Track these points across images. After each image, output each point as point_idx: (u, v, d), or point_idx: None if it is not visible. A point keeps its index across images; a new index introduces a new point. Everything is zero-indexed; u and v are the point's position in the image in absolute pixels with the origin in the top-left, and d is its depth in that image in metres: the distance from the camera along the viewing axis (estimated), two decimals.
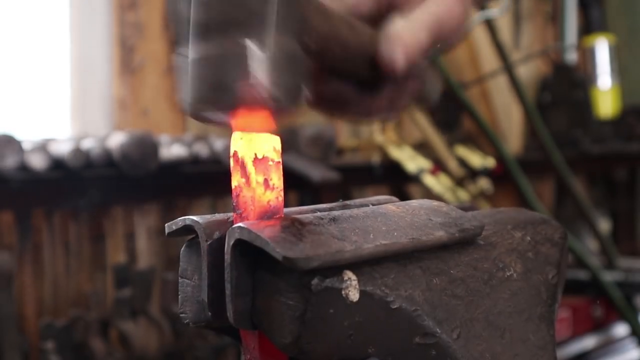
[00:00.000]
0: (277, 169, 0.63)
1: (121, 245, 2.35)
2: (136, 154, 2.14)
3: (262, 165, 0.62)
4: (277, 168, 0.63)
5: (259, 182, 0.62)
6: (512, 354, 0.67)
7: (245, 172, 0.62)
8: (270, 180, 0.62)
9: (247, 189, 0.62)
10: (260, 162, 0.62)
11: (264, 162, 0.62)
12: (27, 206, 2.15)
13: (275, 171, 0.63)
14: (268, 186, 0.62)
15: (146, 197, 2.35)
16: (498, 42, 3.19)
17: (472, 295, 0.66)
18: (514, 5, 3.98)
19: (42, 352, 2.07)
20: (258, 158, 0.62)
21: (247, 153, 0.62)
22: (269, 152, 0.62)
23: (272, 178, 0.62)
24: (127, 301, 2.21)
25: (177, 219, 0.64)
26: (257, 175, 0.62)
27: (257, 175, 0.62)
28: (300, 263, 0.56)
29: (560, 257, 0.75)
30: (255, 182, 0.62)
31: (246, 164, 0.62)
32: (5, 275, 2.03)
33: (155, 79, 2.71)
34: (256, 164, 0.62)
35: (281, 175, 0.63)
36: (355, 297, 0.59)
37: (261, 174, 0.62)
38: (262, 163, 0.62)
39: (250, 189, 0.62)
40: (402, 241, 0.62)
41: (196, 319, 0.64)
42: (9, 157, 1.99)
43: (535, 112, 3.42)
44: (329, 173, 2.55)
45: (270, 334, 0.60)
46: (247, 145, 0.62)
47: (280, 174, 0.63)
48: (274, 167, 0.62)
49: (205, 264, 0.61)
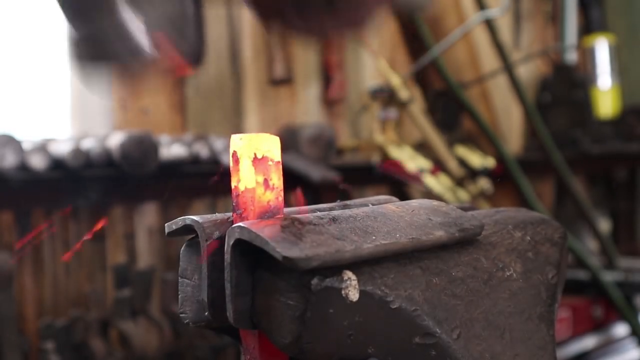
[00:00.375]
0: (276, 168, 0.63)
1: (121, 245, 2.35)
2: (136, 154, 2.14)
3: (262, 165, 0.62)
4: (276, 168, 0.63)
5: (259, 182, 0.62)
6: (512, 353, 0.67)
7: (245, 172, 0.62)
8: (270, 180, 0.62)
9: (247, 189, 0.62)
10: (260, 162, 0.62)
11: (263, 162, 0.62)
12: (27, 206, 2.14)
13: (275, 171, 0.62)
14: (268, 186, 0.62)
15: (146, 197, 2.34)
16: (498, 42, 3.19)
17: (471, 295, 0.66)
18: (514, 5, 3.98)
19: (42, 352, 2.06)
20: (258, 158, 0.62)
21: (247, 153, 0.62)
22: (269, 152, 0.62)
23: (272, 178, 0.62)
24: (127, 301, 2.21)
25: (177, 219, 0.64)
26: (257, 175, 0.62)
27: (256, 175, 0.62)
28: (300, 263, 0.56)
29: (560, 257, 0.75)
30: (255, 182, 0.62)
31: (245, 163, 0.62)
32: (6, 275, 2.03)
33: (155, 79, 2.71)
34: (256, 164, 0.62)
35: (281, 175, 0.63)
36: (355, 297, 0.59)
37: (261, 174, 0.62)
38: (261, 163, 0.62)
39: (250, 189, 0.62)
40: (402, 241, 0.62)
41: (196, 318, 0.64)
42: (9, 157, 1.99)
43: (535, 112, 3.42)
44: (329, 173, 2.55)
45: (270, 334, 0.60)
46: (246, 146, 0.62)
47: (280, 174, 0.63)
48: (274, 167, 0.62)
49: (205, 264, 0.61)
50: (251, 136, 0.62)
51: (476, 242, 0.69)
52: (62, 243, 2.24)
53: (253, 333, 0.64)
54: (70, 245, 2.26)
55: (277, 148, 0.63)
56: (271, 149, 0.63)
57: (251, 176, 0.62)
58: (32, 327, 2.17)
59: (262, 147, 0.62)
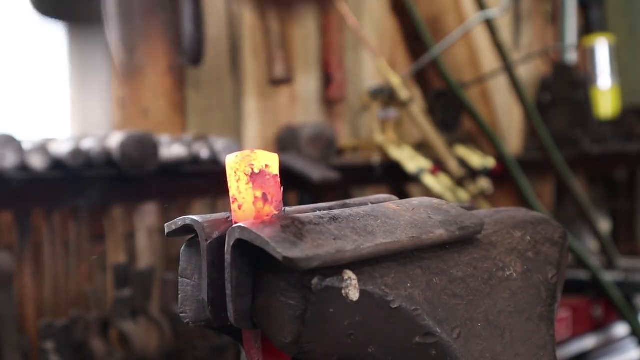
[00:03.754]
0: (274, 182, 0.62)
1: (121, 245, 2.35)
2: (136, 154, 2.14)
3: (260, 179, 0.62)
4: (274, 181, 0.62)
5: (257, 196, 0.62)
6: (512, 353, 0.67)
7: (243, 189, 0.61)
8: (269, 194, 0.62)
9: (246, 204, 0.61)
10: (258, 176, 0.61)
11: (261, 177, 0.62)
12: (27, 206, 2.15)
13: (274, 185, 0.62)
14: (267, 200, 0.62)
15: (146, 197, 2.35)
16: (498, 42, 3.19)
17: (472, 295, 0.66)
18: (514, 5, 3.98)
19: (42, 352, 2.06)
20: (255, 172, 0.61)
21: (243, 169, 0.61)
22: (266, 167, 0.62)
23: (270, 192, 0.62)
24: (127, 301, 2.21)
25: (177, 219, 0.64)
26: (255, 190, 0.61)
27: (254, 190, 0.61)
28: (300, 263, 0.56)
29: (560, 257, 0.75)
30: (253, 197, 0.61)
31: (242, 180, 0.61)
32: (6, 275, 2.03)
33: (155, 79, 2.71)
34: (253, 179, 0.61)
35: (279, 189, 0.63)
36: (355, 297, 0.59)
37: (259, 189, 0.62)
38: (259, 177, 0.62)
39: (249, 204, 0.61)
40: (403, 240, 0.62)
41: (196, 318, 0.64)
42: (9, 157, 1.99)
43: (535, 112, 3.42)
44: (329, 173, 2.55)
45: (271, 334, 0.60)
46: (242, 162, 0.61)
47: (279, 186, 0.62)
48: (272, 181, 0.62)
49: (205, 264, 0.61)
50: (246, 153, 0.62)
51: (476, 241, 0.69)
52: (62, 243, 2.24)
53: (253, 333, 0.64)
54: (70, 245, 2.25)
55: (275, 162, 0.62)
56: (268, 163, 0.62)
57: (249, 192, 0.61)
58: (32, 327, 2.17)
59: (258, 162, 0.62)
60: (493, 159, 3.12)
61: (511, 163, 3.13)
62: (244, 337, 0.65)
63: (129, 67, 2.62)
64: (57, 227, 2.22)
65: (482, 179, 3.01)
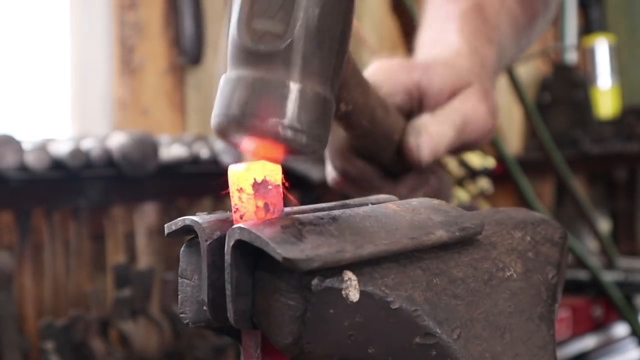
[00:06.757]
0: (277, 192, 0.62)
1: (121, 245, 2.35)
2: (136, 154, 2.14)
3: (262, 189, 0.61)
4: (277, 191, 0.62)
5: (260, 206, 0.61)
6: (512, 354, 0.67)
7: (245, 199, 0.61)
8: (271, 204, 0.62)
9: (247, 215, 0.61)
10: (260, 186, 0.61)
11: (264, 187, 0.61)
12: (27, 206, 2.15)
13: (276, 195, 0.62)
14: (268, 210, 0.62)
15: (146, 197, 2.35)
16: None
17: (472, 296, 0.66)
18: None
19: (42, 352, 2.06)
20: (257, 183, 0.61)
21: (245, 180, 0.61)
22: (269, 177, 0.62)
23: (272, 202, 0.62)
24: (127, 301, 2.21)
25: (177, 219, 0.64)
26: (257, 200, 0.61)
27: (256, 200, 0.61)
28: (300, 264, 0.56)
29: (560, 257, 0.75)
30: (255, 207, 0.61)
31: (244, 190, 0.61)
32: (5, 275, 2.03)
33: (155, 79, 2.71)
34: (255, 189, 0.61)
35: (282, 198, 0.62)
36: (356, 298, 0.59)
37: (261, 199, 0.61)
38: (262, 188, 0.61)
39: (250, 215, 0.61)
40: (403, 241, 0.62)
41: (196, 319, 0.64)
42: (9, 157, 1.99)
43: (535, 112, 3.41)
44: None
45: (271, 334, 0.60)
46: (244, 174, 0.61)
47: (281, 196, 0.62)
48: (274, 191, 0.62)
49: (205, 264, 0.61)
50: (249, 163, 0.62)
51: (476, 242, 0.69)
52: (62, 243, 2.24)
53: (253, 333, 0.64)
54: (70, 245, 2.25)
55: (278, 173, 0.62)
56: (271, 173, 0.62)
57: (251, 202, 0.61)
58: (32, 327, 2.17)
59: (260, 173, 0.62)
60: (493, 159, 3.11)
61: (511, 163, 3.13)
62: (243, 338, 0.65)
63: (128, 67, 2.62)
64: (57, 227, 2.22)
65: (482, 179, 3.00)
